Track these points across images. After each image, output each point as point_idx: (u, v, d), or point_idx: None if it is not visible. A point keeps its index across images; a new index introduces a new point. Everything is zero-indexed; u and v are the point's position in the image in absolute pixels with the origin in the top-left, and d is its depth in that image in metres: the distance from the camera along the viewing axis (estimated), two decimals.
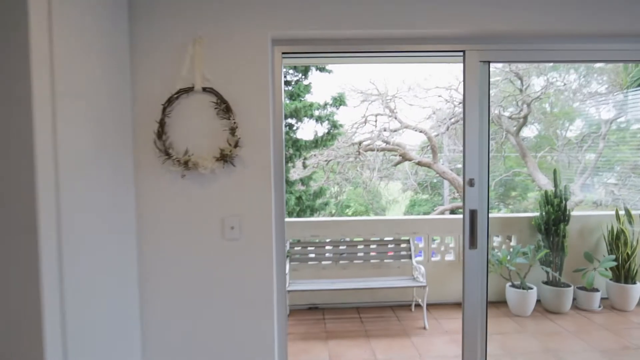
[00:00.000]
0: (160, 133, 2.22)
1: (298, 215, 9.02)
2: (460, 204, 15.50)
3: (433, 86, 17.44)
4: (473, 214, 2.78)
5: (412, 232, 5.08)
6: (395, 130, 15.87)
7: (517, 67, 14.87)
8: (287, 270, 4.69)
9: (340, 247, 5.01)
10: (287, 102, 8.18)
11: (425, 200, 28.91)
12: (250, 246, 2.36)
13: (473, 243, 2.79)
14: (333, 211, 12.12)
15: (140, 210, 2.29)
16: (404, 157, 15.36)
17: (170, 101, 2.24)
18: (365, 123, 16.18)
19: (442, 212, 21.16)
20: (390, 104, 15.87)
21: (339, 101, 8.69)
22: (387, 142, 15.98)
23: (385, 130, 15.60)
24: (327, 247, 4.98)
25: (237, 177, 2.33)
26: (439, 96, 17.75)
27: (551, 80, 16.29)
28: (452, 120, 16.91)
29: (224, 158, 2.25)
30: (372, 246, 5.03)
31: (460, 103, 17.22)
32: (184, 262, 2.33)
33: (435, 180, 29.00)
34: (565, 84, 14.51)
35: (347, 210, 35.55)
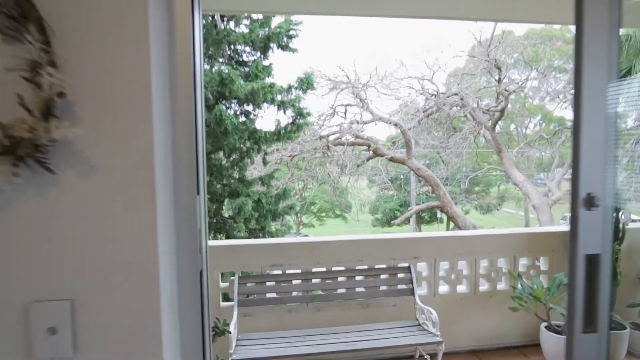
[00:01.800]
0: None
1: (257, 223, 7.47)
2: (435, 202, 14.42)
3: (405, 76, 16.28)
4: (593, 262, 1.43)
5: (412, 257, 3.65)
6: (366, 123, 14.51)
7: (496, 58, 13.94)
8: (234, 320, 3.12)
9: (313, 281, 3.50)
10: (242, 82, 6.56)
11: (391, 196, 28.03)
12: None
13: (591, 322, 1.46)
14: (298, 208, 10.60)
15: None
16: (376, 152, 14.06)
17: None
18: (334, 114, 14.71)
19: (418, 213, 20.17)
20: (361, 94, 14.47)
21: (305, 83, 7.16)
22: (357, 136, 14.61)
23: (356, 123, 14.21)
24: (295, 282, 3.46)
25: (63, 198, 0.80)
26: (410, 87, 16.61)
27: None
28: (427, 112, 15.80)
29: (19, 151, 0.74)
30: (357, 278, 3.55)
31: (433, 95, 16.17)
32: None
33: (402, 177, 28.19)
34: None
35: (312, 207, 34.19)
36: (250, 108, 7.36)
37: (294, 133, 7.82)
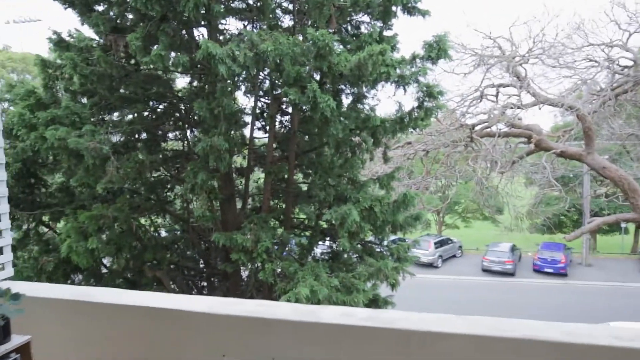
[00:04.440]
0: None
1: (374, 233, 5.75)
2: (630, 214, 10.46)
3: (583, 43, 12.29)
4: None
5: None
6: (525, 108, 11.26)
7: None
8: None
9: None
10: (340, 49, 4.91)
11: (555, 198, 22.82)
12: None
13: None
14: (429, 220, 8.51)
15: None
16: (539, 146, 10.83)
17: None
18: (481, 98, 11.82)
19: (599, 227, 15.56)
20: (518, 70, 11.27)
21: (436, 50, 5.11)
22: (513, 125, 11.54)
23: (512, 108, 11.11)
24: None
25: None
26: (590, 59, 12.49)
27: None
28: (616, 90, 11.65)
29: None
30: None
31: (626, 67, 11.87)
32: None
33: (571, 175, 22.71)
34: None
35: (457, 206, 30.41)
36: (354, 90, 5.67)
37: (422, 120, 5.83)
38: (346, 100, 5.88)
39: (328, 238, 7.01)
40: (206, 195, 5.40)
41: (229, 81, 4.67)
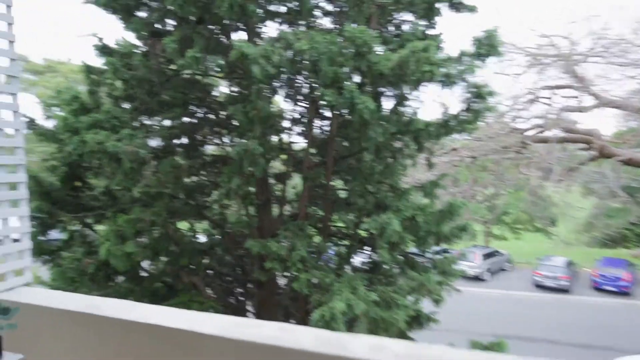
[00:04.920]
0: None
1: (417, 244, 5.40)
2: None
3: None
4: None
5: None
6: (585, 110, 10.32)
7: None
8: None
9: None
10: (383, 50, 4.61)
11: (617, 210, 21.02)
12: None
13: None
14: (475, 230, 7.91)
15: None
16: (602, 152, 9.90)
17: None
18: (534, 101, 11.00)
19: None
20: (576, 69, 10.37)
21: (485, 46, 4.69)
22: (570, 130, 10.63)
23: (570, 111, 10.23)
24: None
25: None
26: None
27: None
28: None
29: None
30: None
31: None
32: None
33: (635, 185, 20.99)
34: None
35: (505, 217, 28.82)
36: (396, 91, 5.34)
37: (469, 123, 5.40)
38: (387, 104, 5.58)
39: (367, 247, 6.70)
40: (241, 201, 5.27)
41: (263, 84, 4.51)
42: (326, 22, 6.40)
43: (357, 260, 6.80)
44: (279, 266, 5.02)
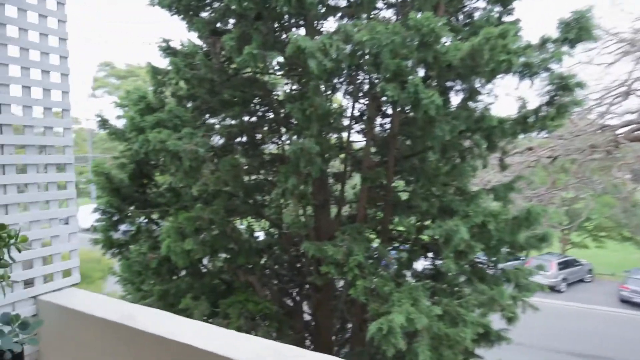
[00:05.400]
0: None
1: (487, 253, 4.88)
2: None
3: None
4: None
5: None
6: None
7: None
8: None
9: None
10: (450, 40, 4.16)
11: None
12: None
13: None
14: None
15: None
16: None
17: None
18: (628, 94, 9.60)
19: None
20: None
21: (575, 30, 4.07)
22: None
23: None
24: None
25: None
26: None
27: None
28: None
29: None
30: None
31: None
32: None
33: None
34: None
35: (587, 223, 25.99)
36: (473, 83, 4.84)
37: (552, 119, 4.76)
38: (456, 99, 5.12)
39: (431, 253, 6.26)
40: (297, 201, 5.11)
41: (321, 79, 4.29)
42: (389, 15, 6.05)
43: (419, 265, 6.38)
44: (335, 271, 4.78)
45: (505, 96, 5.46)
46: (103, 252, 6.37)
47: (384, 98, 4.60)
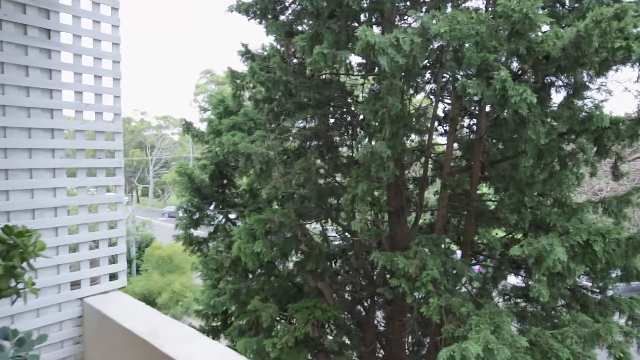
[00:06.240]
0: None
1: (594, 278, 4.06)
2: None
3: None
4: None
5: None
6: None
7: None
8: None
9: None
10: (547, 26, 3.51)
11: None
12: None
13: None
14: None
15: None
16: None
17: None
18: None
19: None
20: None
21: None
22: None
23: None
24: None
25: None
26: None
27: None
28: None
29: None
30: None
31: None
32: None
33: None
34: None
35: None
36: (579, 76, 4.10)
37: None
38: (557, 96, 4.40)
39: (522, 270, 5.52)
40: (368, 208, 4.82)
41: (394, 77, 3.96)
42: (479, 4, 5.46)
43: (511, 278, 5.68)
44: (407, 285, 4.40)
45: (623, 92, 4.55)
46: (184, 248, 6.72)
47: (466, 97, 4.11)
